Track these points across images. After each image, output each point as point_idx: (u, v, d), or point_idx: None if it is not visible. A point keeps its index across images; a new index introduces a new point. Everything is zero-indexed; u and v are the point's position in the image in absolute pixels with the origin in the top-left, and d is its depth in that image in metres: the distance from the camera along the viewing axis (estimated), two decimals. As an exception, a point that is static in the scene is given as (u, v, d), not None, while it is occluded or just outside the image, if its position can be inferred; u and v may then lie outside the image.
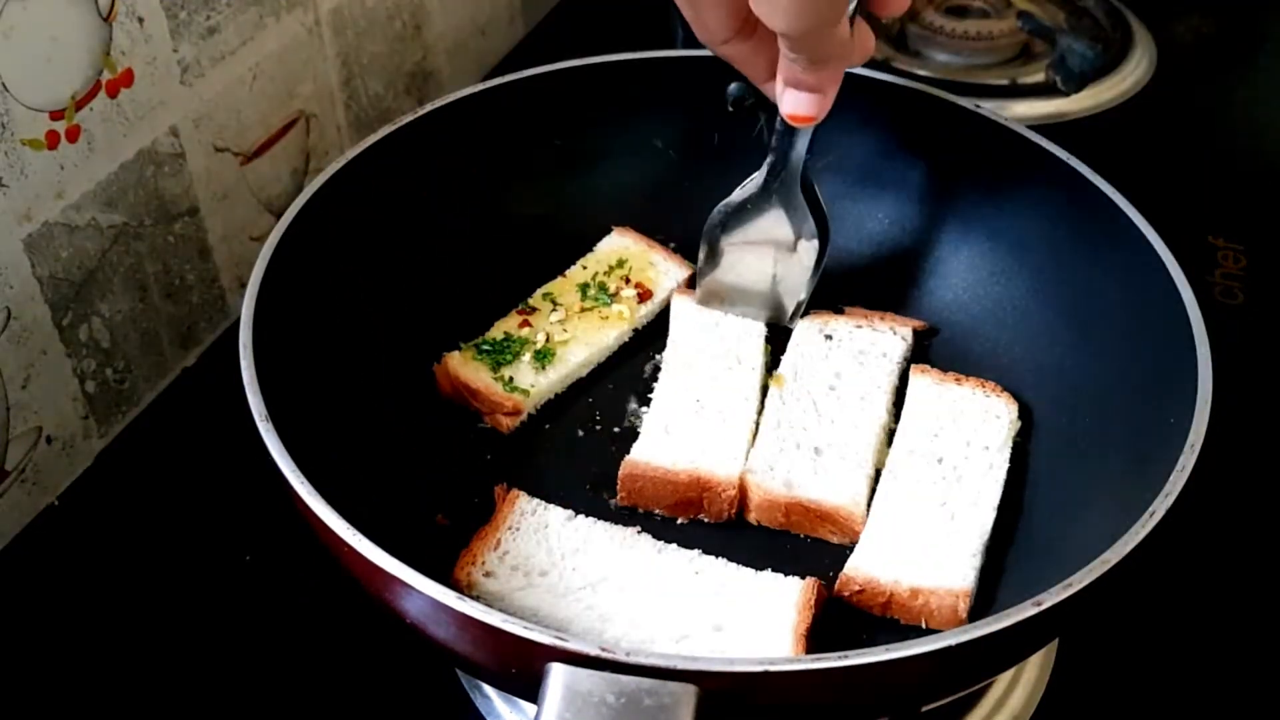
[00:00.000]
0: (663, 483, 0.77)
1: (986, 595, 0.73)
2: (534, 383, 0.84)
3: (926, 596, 0.71)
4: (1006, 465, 0.79)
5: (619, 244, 0.94)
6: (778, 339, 0.88)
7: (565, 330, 0.88)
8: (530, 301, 0.90)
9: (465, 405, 0.84)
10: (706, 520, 0.78)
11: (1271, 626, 0.81)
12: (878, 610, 0.72)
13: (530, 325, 0.88)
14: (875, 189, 0.94)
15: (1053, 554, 0.72)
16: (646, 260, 0.93)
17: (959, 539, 0.74)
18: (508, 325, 0.88)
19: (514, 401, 0.83)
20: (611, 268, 0.92)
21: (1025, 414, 0.83)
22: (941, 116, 0.89)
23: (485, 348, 0.86)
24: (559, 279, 0.92)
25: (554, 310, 0.89)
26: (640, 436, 0.80)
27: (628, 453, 0.79)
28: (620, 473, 0.78)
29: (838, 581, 0.73)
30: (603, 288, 0.91)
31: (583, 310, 0.89)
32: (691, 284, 0.93)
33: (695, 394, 0.83)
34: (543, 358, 0.85)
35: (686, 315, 0.89)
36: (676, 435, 0.80)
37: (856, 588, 0.72)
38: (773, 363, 0.87)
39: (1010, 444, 0.80)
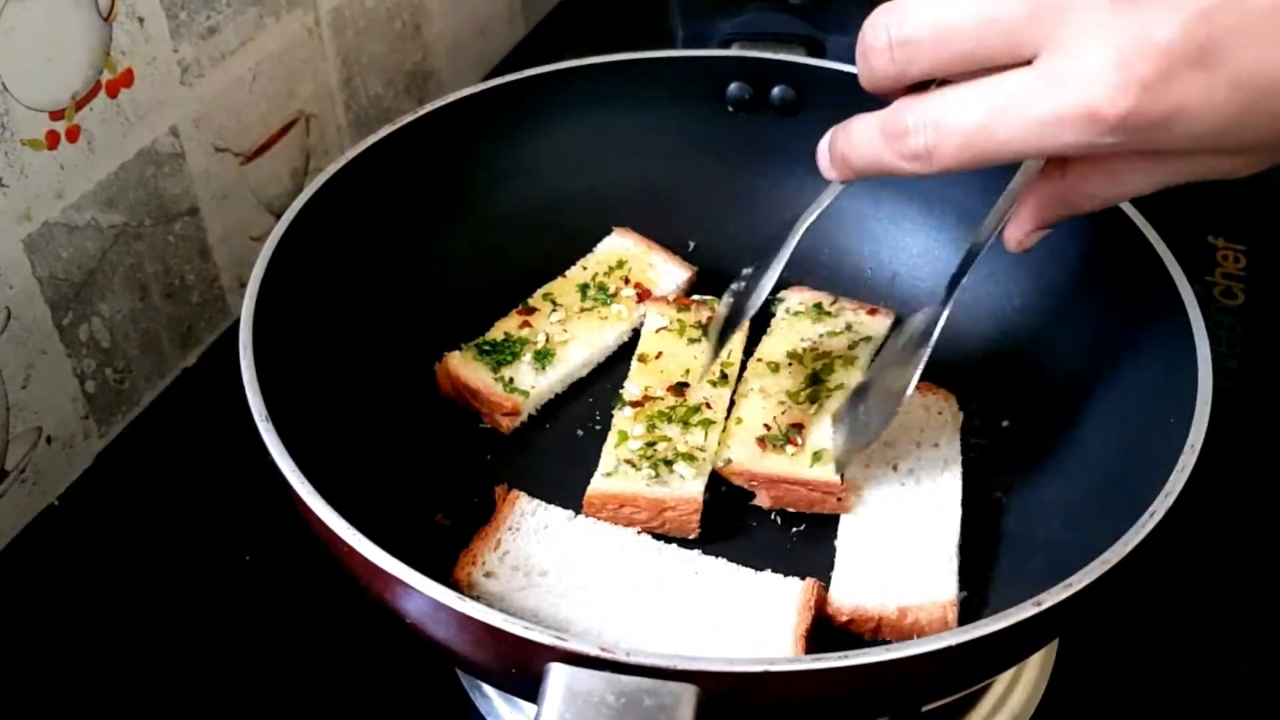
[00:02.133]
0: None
1: (987, 596, 0.73)
2: (534, 384, 0.84)
3: (915, 614, 0.71)
4: (959, 460, 0.79)
5: (619, 245, 0.94)
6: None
7: (565, 330, 0.88)
8: (530, 302, 0.90)
9: (465, 405, 0.84)
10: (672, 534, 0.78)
11: (1271, 626, 0.81)
12: (869, 636, 0.72)
13: (530, 325, 0.88)
14: (875, 188, 0.94)
15: (1052, 554, 0.72)
16: (646, 261, 0.93)
17: (932, 547, 0.74)
18: (508, 325, 0.88)
19: (513, 402, 0.82)
20: (611, 268, 0.92)
21: (1026, 413, 0.83)
22: (941, 116, 0.89)
23: (485, 348, 0.85)
24: (559, 279, 0.92)
25: (554, 310, 0.89)
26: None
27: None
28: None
29: (830, 610, 0.73)
30: (602, 288, 0.91)
31: (582, 310, 0.89)
32: (689, 289, 0.93)
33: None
34: (543, 358, 0.85)
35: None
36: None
37: (845, 618, 0.72)
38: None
39: (957, 439, 0.81)
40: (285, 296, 0.74)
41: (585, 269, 0.92)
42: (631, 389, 0.83)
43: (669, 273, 0.93)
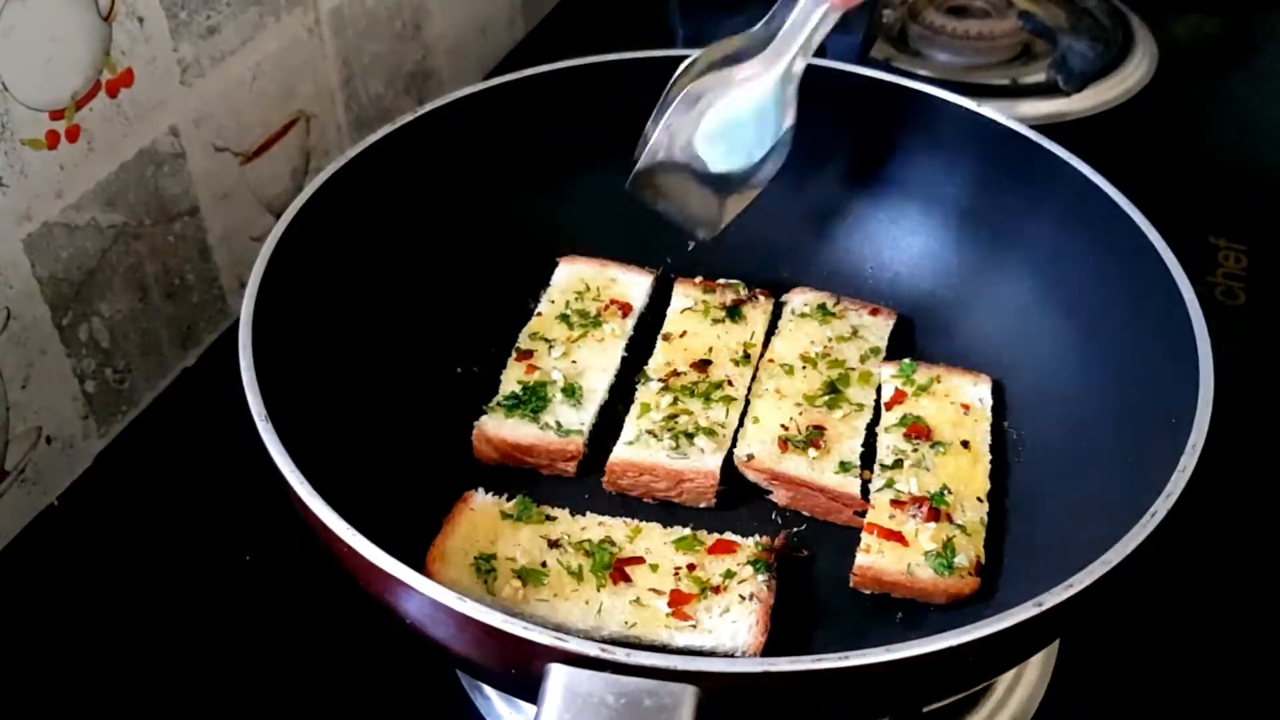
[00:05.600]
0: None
1: (988, 596, 0.73)
2: (580, 420, 0.82)
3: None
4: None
5: (571, 272, 0.92)
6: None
7: (574, 362, 0.86)
8: (521, 346, 0.87)
9: (519, 466, 0.81)
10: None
11: (1272, 627, 0.81)
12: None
13: (536, 368, 0.85)
14: (876, 188, 0.94)
15: (1054, 554, 0.72)
16: (607, 278, 0.92)
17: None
18: (515, 374, 0.85)
19: (575, 446, 0.80)
20: (579, 293, 0.90)
21: (1027, 413, 0.83)
22: (942, 116, 0.89)
23: (510, 403, 0.82)
24: (536, 318, 0.89)
25: (551, 347, 0.87)
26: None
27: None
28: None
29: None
30: (583, 314, 0.89)
31: (577, 339, 0.87)
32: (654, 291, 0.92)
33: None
34: (572, 393, 0.83)
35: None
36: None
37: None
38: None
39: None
40: (285, 296, 0.74)
41: (553, 302, 0.90)
42: (656, 365, 0.85)
43: (634, 282, 0.91)
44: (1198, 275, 1.04)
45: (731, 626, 0.69)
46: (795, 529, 0.78)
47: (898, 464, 0.79)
